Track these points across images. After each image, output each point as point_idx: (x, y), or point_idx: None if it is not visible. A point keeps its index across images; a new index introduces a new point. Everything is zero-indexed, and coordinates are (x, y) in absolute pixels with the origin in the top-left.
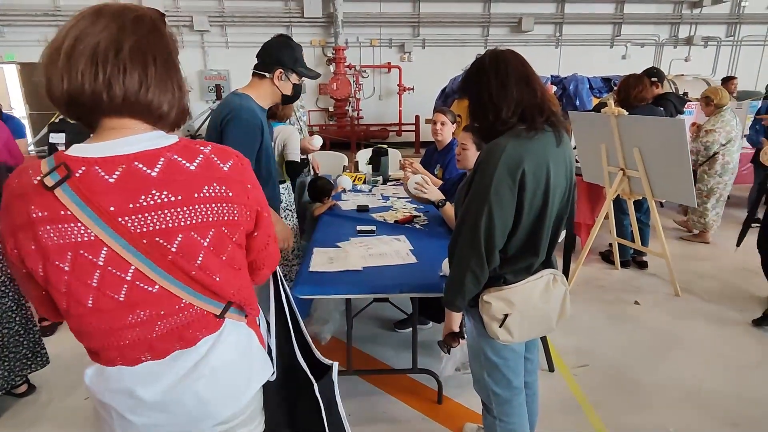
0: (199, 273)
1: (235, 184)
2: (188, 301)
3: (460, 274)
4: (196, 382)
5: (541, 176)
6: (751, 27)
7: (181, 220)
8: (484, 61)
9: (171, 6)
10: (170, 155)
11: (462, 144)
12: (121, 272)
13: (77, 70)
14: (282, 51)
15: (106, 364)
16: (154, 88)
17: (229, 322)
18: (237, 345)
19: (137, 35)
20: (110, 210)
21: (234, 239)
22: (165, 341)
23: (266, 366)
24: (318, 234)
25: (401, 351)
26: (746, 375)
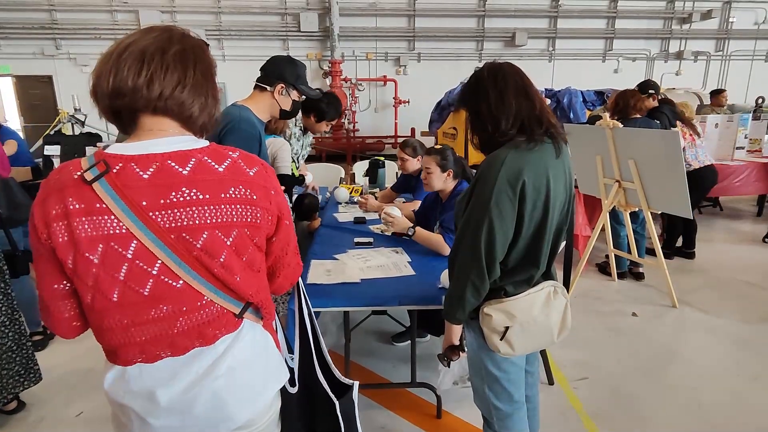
0: (221, 271)
1: (259, 189)
2: (210, 299)
3: (460, 286)
4: (213, 382)
5: (541, 187)
6: (739, 42)
7: (207, 218)
8: (483, 73)
9: (168, 19)
10: (201, 156)
11: (426, 168)
12: (148, 266)
13: (126, 67)
14: (286, 67)
15: (125, 363)
16: (189, 89)
17: (247, 323)
18: (253, 346)
19: (183, 45)
20: (142, 204)
21: (255, 241)
22: (185, 338)
23: (282, 370)
24: (315, 246)
25: (399, 364)
26: (745, 387)
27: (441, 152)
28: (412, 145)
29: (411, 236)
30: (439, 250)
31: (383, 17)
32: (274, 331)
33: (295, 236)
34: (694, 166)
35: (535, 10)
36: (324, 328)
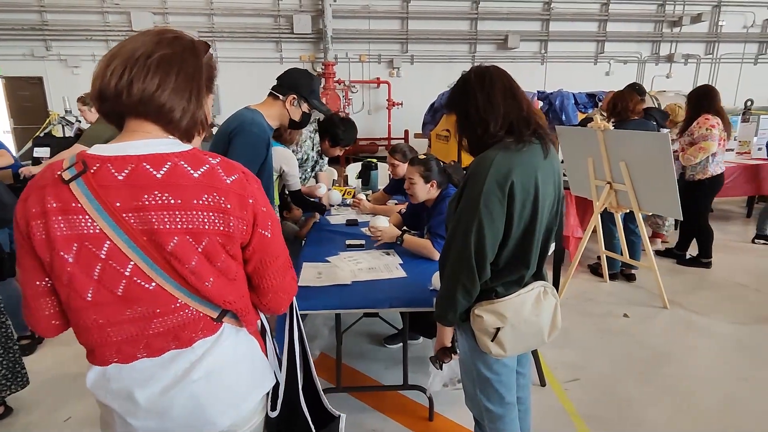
0: (191, 277)
1: (235, 197)
2: (184, 302)
3: (451, 287)
4: (192, 384)
5: (530, 187)
6: (728, 45)
7: (178, 223)
8: (470, 76)
9: (160, 21)
10: (177, 160)
11: (410, 178)
12: (120, 267)
13: (111, 69)
14: (301, 80)
15: (101, 363)
16: (170, 92)
17: (227, 327)
18: (235, 350)
19: (171, 49)
20: (116, 205)
21: (228, 249)
22: (161, 339)
23: (268, 376)
24: (306, 249)
25: (391, 367)
26: (736, 388)
27: (425, 163)
28: (401, 150)
29: (400, 244)
30: (428, 255)
31: (376, 19)
32: (261, 337)
33: (284, 250)
34: (716, 172)
35: (527, 13)
36: (316, 331)
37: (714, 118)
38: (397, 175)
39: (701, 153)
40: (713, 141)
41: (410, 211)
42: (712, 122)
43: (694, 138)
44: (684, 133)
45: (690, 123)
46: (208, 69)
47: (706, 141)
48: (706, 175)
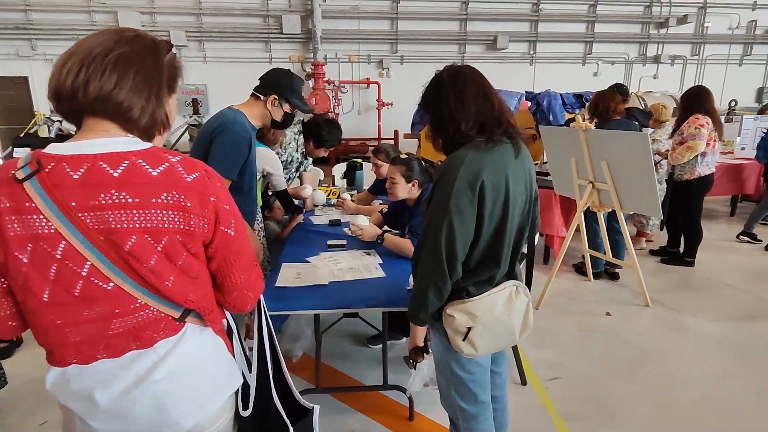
0: (151, 276)
1: (195, 195)
2: (144, 302)
3: (423, 287)
4: (153, 385)
5: (501, 187)
6: (714, 46)
7: (135, 222)
8: (443, 76)
9: (148, 21)
10: (135, 159)
11: (391, 178)
12: (77, 267)
13: (68, 68)
14: (282, 80)
15: (60, 364)
16: (127, 91)
17: (190, 327)
18: (200, 350)
19: (130, 48)
20: (71, 205)
21: (189, 248)
22: (121, 340)
23: (235, 376)
24: (287, 249)
25: (373, 367)
26: (714, 385)
27: (406, 163)
28: (384, 150)
29: (381, 243)
30: (408, 255)
31: (366, 20)
32: (227, 336)
33: (248, 248)
34: (704, 173)
35: (516, 13)
36: (299, 331)
37: (704, 118)
38: (381, 175)
39: (689, 152)
40: (701, 140)
41: (392, 211)
42: (702, 122)
43: (683, 137)
44: (675, 133)
45: (681, 123)
46: (171, 69)
47: (694, 140)
48: (694, 175)
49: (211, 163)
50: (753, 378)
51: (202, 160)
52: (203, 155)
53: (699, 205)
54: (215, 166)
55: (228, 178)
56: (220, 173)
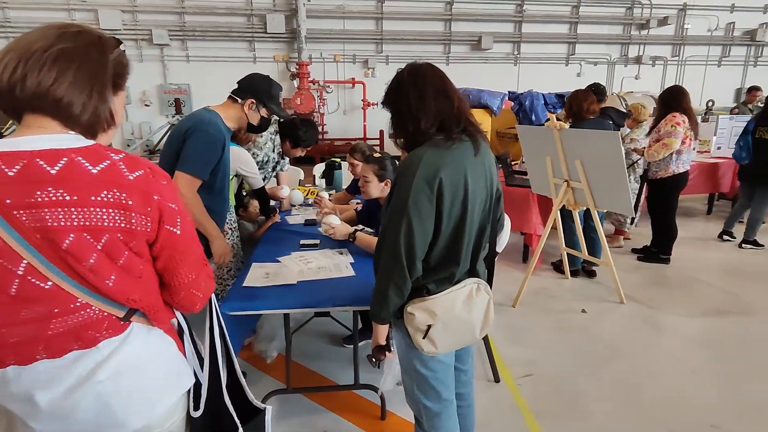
0: (90, 275)
1: (138, 193)
2: (84, 301)
3: (383, 285)
4: (97, 386)
5: (459, 185)
6: (694, 48)
7: (74, 220)
8: (404, 74)
9: (129, 19)
10: (74, 156)
11: (364, 176)
12: (12, 266)
13: (5, 63)
14: (260, 85)
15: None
16: (67, 87)
17: (136, 326)
18: (146, 350)
19: (72, 43)
20: (6, 202)
21: (131, 247)
22: (61, 340)
23: (185, 375)
24: (259, 248)
25: (348, 367)
26: (683, 380)
27: (379, 162)
28: (360, 150)
29: (352, 242)
30: None
31: (351, 20)
32: (178, 336)
33: (197, 247)
34: (679, 171)
35: (500, 14)
36: (273, 332)
37: (680, 117)
38: (358, 174)
39: (664, 149)
40: (676, 138)
41: (365, 210)
42: (678, 120)
43: (659, 135)
44: (653, 131)
45: (659, 121)
46: (117, 65)
47: (669, 137)
48: (668, 173)
49: (182, 161)
50: (722, 373)
51: (174, 158)
52: (175, 154)
53: (674, 202)
54: (187, 164)
55: (199, 178)
56: (191, 172)
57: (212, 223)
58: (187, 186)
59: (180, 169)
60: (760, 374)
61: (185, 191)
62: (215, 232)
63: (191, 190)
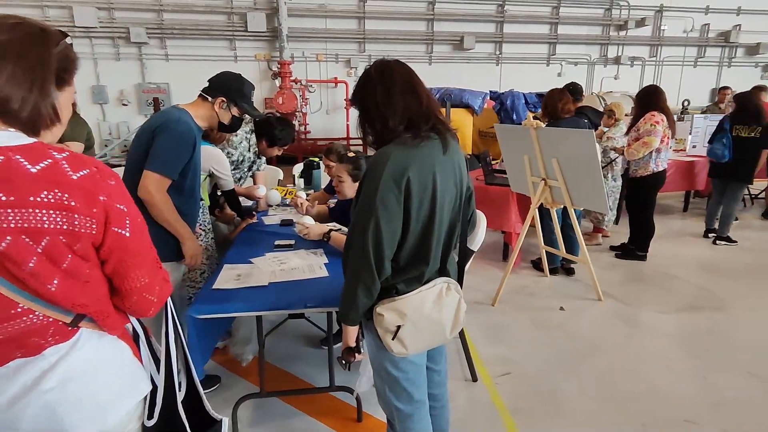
0: (31, 279)
1: (81, 193)
2: (27, 306)
3: (352, 286)
4: (44, 395)
5: (428, 183)
6: (670, 48)
7: (11, 222)
8: (371, 71)
9: (105, 17)
10: (12, 154)
11: (338, 176)
12: None
13: None
14: (231, 83)
15: None
16: (5, 81)
17: (86, 332)
18: (97, 356)
19: (9, 35)
20: None
21: (75, 250)
22: (3, 347)
23: (141, 383)
24: (232, 250)
25: (326, 368)
26: (659, 376)
27: (354, 161)
28: (336, 150)
29: (327, 241)
30: None
31: (333, 18)
32: (134, 341)
33: (149, 250)
34: (658, 169)
35: (482, 14)
36: (249, 335)
37: (659, 115)
38: (334, 176)
39: (644, 148)
40: (656, 137)
41: (339, 208)
42: (657, 119)
43: (639, 133)
44: (631, 130)
45: (637, 120)
46: (62, 59)
47: (649, 136)
48: (648, 171)
49: (151, 160)
50: (695, 368)
51: (142, 157)
52: (144, 153)
53: (652, 200)
54: (155, 163)
55: (168, 177)
56: (160, 171)
57: (183, 224)
58: (156, 186)
59: (148, 168)
60: (732, 368)
61: (154, 191)
62: (186, 232)
63: (160, 189)
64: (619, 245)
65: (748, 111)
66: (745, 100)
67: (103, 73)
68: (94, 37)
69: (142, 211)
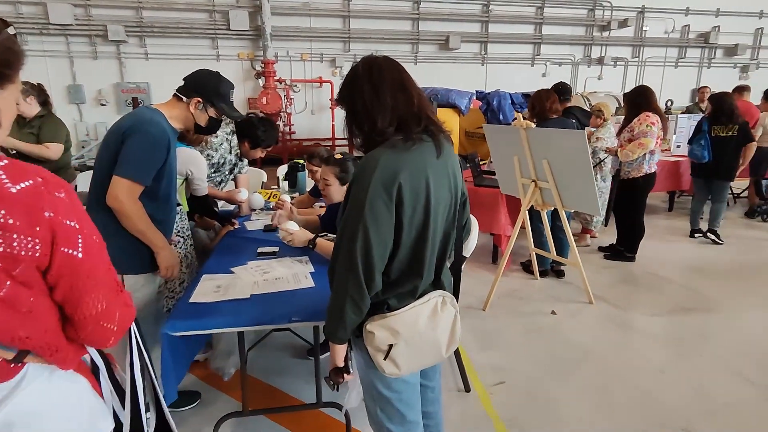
0: None
1: (23, 210)
2: None
3: (339, 301)
4: None
5: (420, 190)
6: (652, 49)
7: None
8: (358, 68)
9: (82, 14)
10: None
11: (324, 179)
12: None
13: None
14: (207, 82)
15: None
16: None
17: (33, 368)
18: (48, 395)
19: None
20: None
21: (14, 275)
22: None
23: (101, 421)
24: (211, 259)
25: (312, 381)
26: (653, 382)
27: (341, 164)
28: (319, 155)
29: (312, 249)
30: None
31: (317, 17)
32: (93, 375)
33: (107, 272)
34: (651, 171)
35: (467, 14)
36: (231, 347)
37: (654, 116)
38: (318, 181)
39: (640, 149)
40: (652, 138)
41: (327, 216)
42: (653, 119)
43: (633, 134)
44: (624, 130)
45: (629, 121)
46: (3, 52)
47: (645, 137)
48: (641, 173)
49: (121, 165)
50: (687, 372)
51: (112, 162)
52: (113, 157)
53: (643, 202)
54: (126, 168)
55: (140, 183)
56: (132, 177)
57: (157, 233)
58: (127, 192)
59: (118, 174)
60: (725, 373)
61: (124, 198)
62: (161, 242)
63: (131, 196)
64: (607, 246)
65: (723, 111)
66: (719, 100)
67: (80, 72)
68: (70, 35)
69: (113, 221)
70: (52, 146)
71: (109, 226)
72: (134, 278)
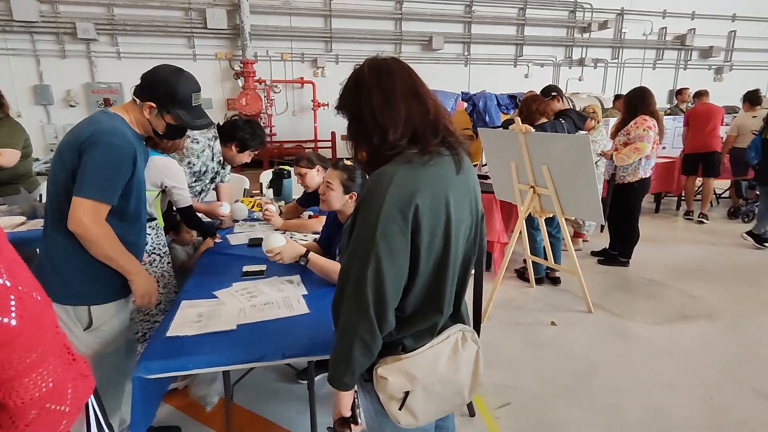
0: None
1: None
2: None
3: (346, 343)
4: None
5: (440, 212)
6: (631, 51)
7: None
8: (364, 71)
9: (49, 11)
10: None
11: (327, 182)
12: None
13: None
14: (162, 83)
15: None
16: None
17: None
18: None
19: None
20: None
21: None
22: None
23: None
24: (190, 281)
25: (305, 409)
26: (663, 398)
27: (349, 171)
28: (306, 157)
29: (305, 265)
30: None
31: (298, 16)
32: None
33: (54, 337)
34: (646, 175)
35: (450, 15)
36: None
37: (651, 120)
38: (308, 186)
39: (636, 153)
40: (648, 143)
41: (325, 236)
42: (649, 124)
43: (630, 138)
44: (619, 133)
45: (625, 124)
46: None
47: (642, 142)
48: (636, 177)
49: (81, 184)
50: (695, 386)
51: (69, 180)
52: (70, 174)
53: (638, 206)
54: (87, 188)
55: (105, 203)
56: (94, 197)
57: (129, 257)
58: (91, 215)
59: (79, 195)
60: (734, 386)
61: (89, 222)
62: (134, 267)
63: (97, 219)
64: (600, 250)
65: None
66: None
67: (47, 71)
68: (35, 33)
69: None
70: (5, 152)
71: (69, 251)
72: (103, 308)
